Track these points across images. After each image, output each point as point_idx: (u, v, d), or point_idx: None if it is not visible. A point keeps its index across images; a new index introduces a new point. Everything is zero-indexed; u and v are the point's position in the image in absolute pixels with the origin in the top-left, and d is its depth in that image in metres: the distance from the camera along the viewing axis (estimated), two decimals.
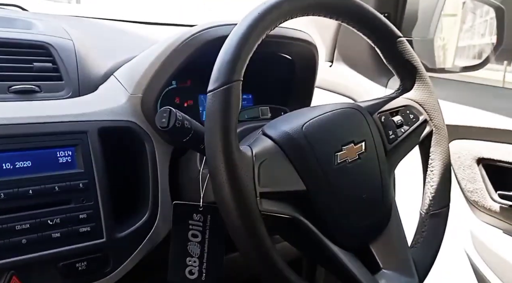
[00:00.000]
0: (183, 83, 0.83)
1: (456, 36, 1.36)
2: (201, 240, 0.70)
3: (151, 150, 0.72)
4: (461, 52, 1.44)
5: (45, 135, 0.63)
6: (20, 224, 0.59)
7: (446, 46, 1.35)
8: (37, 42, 0.70)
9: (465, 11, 1.37)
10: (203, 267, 0.70)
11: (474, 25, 1.38)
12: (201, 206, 0.70)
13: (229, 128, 0.52)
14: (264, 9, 0.56)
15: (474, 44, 1.45)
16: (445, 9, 1.22)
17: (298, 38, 0.80)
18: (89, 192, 0.65)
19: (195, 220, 0.71)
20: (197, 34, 0.71)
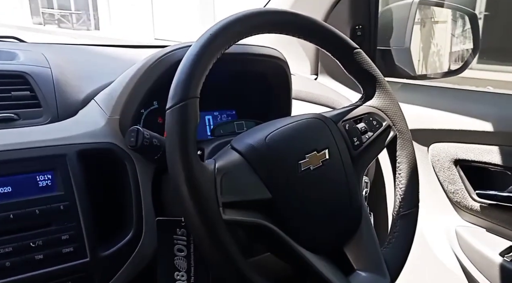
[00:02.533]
0: (165, 103, 0.86)
1: (448, 42, 1.37)
2: (187, 254, 0.72)
3: (132, 169, 0.75)
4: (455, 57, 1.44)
5: (24, 160, 0.65)
6: (3, 248, 0.61)
7: (440, 52, 1.36)
8: (15, 72, 0.74)
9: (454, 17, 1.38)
10: (191, 280, 0.72)
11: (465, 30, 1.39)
12: (183, 221, 0.72)
13: (187, 143, 0.54)
14: (216, 30, 0.59)
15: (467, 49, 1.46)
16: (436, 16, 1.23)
17: (267, 55, 0.83)
18: (70, 213, 0.67)
19: (179, 234, 0.73)
20: (164, 56, 0.74)
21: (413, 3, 1.02)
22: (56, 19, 12.04)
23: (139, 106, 0.74)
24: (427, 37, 1.20)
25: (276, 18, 0.63)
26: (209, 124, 0.92)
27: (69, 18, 12.01)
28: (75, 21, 12.06)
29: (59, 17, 12.02)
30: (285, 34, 0.66)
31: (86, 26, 12.03)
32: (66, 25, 12.00)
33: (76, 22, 12.05)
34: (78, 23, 12.06)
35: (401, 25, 1.01)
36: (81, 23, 12.07)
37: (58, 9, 12.18)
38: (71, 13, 12.02)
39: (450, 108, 0.95)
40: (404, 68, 1.02)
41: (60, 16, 12.01)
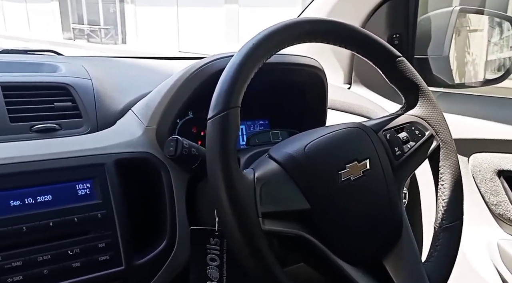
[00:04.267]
0: (200, 113, 0.87)
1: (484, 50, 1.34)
2: (220, 264, 0.72)
3: (167, 178, 0.75)
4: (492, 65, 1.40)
5: (64, 170, 0.67)
6: (42, 256, 0.62)
7: (476, 60, 1.33)
8: (57, 83, 0.76)
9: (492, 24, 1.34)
10: None
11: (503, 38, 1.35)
12: (217, 230, 0.71)
13: (228, 153, 0.54)
14: (258, 40, 0.59)
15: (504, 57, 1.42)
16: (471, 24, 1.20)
17: (306, 64, 0.82)
18: (107, 222, 0.68)
19: (212, 244, 0.72)
20: (202, 67, 0.74)
21: (453, 11, 1.00)
22: (85, 34, 12.46)
23: (176, 116, 0.75)
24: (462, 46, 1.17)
25: (319, 27, 0.63)
26: (242, 133, 0.92)
27: (98, 33, 12.40)
28: (104, 36, 12.44)
29: (89, 32, 12.42)
30: (326, 43, 0.65)
31: (114, 40, 12.38)
32: (94, 39, 12.39)
33: (104, 37, 12.42)
34: (106, 38, 12.43)
35: (440, 33, 0.99)
36: (109, 38, 12.44)
37: (88, 25, 12.60)
38: (100, 29, 12.42)
39: (491, 117, 0.92)
40: (442, 77, 1.00)
41: (90, 31, 12.42)
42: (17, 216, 0.62)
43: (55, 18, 12.83)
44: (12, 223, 0.61)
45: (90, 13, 12.77)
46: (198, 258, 0.72)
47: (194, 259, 0.72)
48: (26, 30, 13.22)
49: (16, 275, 0.60)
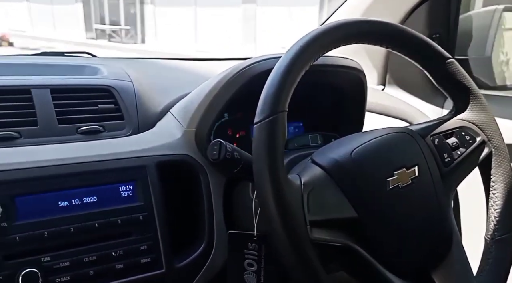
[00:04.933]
0: (235, 115, 0.86)
1: None
2: (257, 269, 0.71)
3: (205, 181, 0.75)
4: None
5: (109, 171, 0.67)
6: (88, 256, 0.63)
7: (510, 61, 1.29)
8: (101, 86, 0.76)
9: None
10: None
11: None
12: (255, 235, 0.71)
13: (276, 158, 0.53)
14: (306, 42, 0.58)
15: None
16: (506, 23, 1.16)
17: (345, 66, 0.80)
18: (149, 224, 0.68)
19: (250, 249, 0.72)
20: (245, 69, 0.73)
21: (496, 10, 0.96)
22: (107, 34, 12.66)
23: (215, 119, 0.75)
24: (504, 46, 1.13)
25: (366, 28, 0.61)
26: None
27: (119, 33, 12.59)
28: (124, 36, 12.61)
29: (110, 33, 12.62)
30: (373, 44, 0.63)
31: (134, 40, 12.54)
32: (115, 39, 12.57)
33: (124, 37, 12.59)
34: (126, 38, 12.60)
35: (482, 33, 0.96)
36: (129, 38, 12.61)
37: (109, 25, 12.80)
38: (120, 29, 12.60)
39: None
40: (483, 78, 0.97)
41: (111, 31, 12.60)
42: (65, 216, 0.63)
43: (78, 19, 13.07)
44: (60, 223, 0.62)
45: (111, 14, 12.98)
46: (236, 262, 0.71)
47: (232, 264, 0.72)
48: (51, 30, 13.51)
49: (63, 275, 0.61)
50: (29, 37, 12.87)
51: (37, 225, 0.61)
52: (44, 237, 0.61)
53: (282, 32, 9.27)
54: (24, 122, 0.67)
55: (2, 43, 10.74)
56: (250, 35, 10.04)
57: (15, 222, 0.59)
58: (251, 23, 10.02)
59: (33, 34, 13.59)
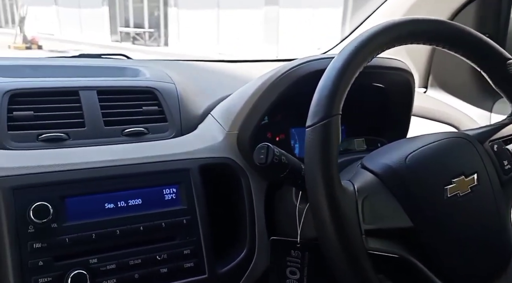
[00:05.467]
0: (274, 118, 0.85)
1: None
2: (300, 278, 0.69)
3: (247, 185, 0.74)
4: None
5: (153, 174, 0.67)
6: (133, 259, 0.63)
7: None
8: (145, 88, 0.76)
9: None
10: None
11: None
12: (299, 243, 0.69)
13: (330, 164, 0.52)
14: (361, 42, 0.56)
15: None
16: None
17: (392, 67, 0.78)
18: (192, 228, 0.68)
19: (293, 256, 0.70)
20: (291, 70, 0.72)
21: None
22: (131, 37, 12.87)
23: (259, 121, 0.73)
24: None
25: (422, 27, 0.59)
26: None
27: (143, 35, 12.78)
28: (148, 39, 12.80)
29: (134, 35, 12.83)
30: (427, 44, 0.61)
31: (157, 43, 12.71)
32: (139, 42, 12.76)
33: (148, 39, 12.78)
34: (150, 40, 12.78)
35: None
36: (152, 40, 12.78)
37: (133, 28, 13.01)
38: (144, 32, 12.79)
39: None
40: None
41: (135, 34, 12.81)
42: (111, 218, 0.62)
43: (104, 22, 13.34)
44: (107, 225, 0.62)
45: (136, 17, 13.20)
46: (278, 270, 0.70)
47: (274, 271, 0.70)
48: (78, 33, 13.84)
49: (110, 278, 0.61)
50: (56, 40, 13.21)
51: (85, 226, 0.60)
52: (92, 239, 0.60)
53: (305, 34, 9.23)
54: (72, 124, 0.67)
55: (32, 46, 11.06)
56: (272, 37, 10.03)
57: (65, 223, 0.59)
58: (273, 25, 10.00)
59: (60, 37, 13.94)
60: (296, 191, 0.72)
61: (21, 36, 10.99)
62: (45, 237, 0.58)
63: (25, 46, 10.89)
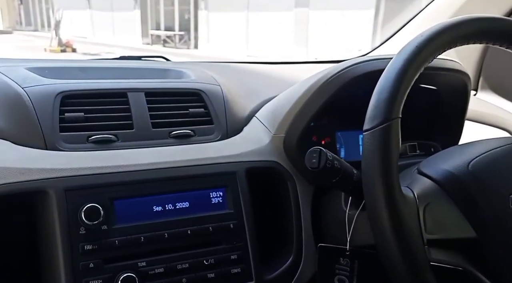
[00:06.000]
0: (320, 121, 0.83)
1: None
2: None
3: (294, 189, 0.72)
4: None
5: (200, 177, 0.66)
6: (181, 263, 0.62)
7: None
8: (192, 89, 0.76)
9: None
10: None
11: None
12: (348, 250, 0.67)
13: (391, 170, 0.50)
14: (422, 41, 0.53)
15: None
16: None
17: (448, 68, 0.74)
18: (239, 233, 0.66)
19: (342, 264, 0.68)
20: (343, 71, 0.69)
21: None
22: (162, 40, 13.08)
23: (307, 124, 0.71)
24: None
25: (485, 26, 0.55)
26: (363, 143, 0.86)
27: (173, 38, 12.97)
28: (178, 41, 12.98)
29: (165, 38, 13.04)
30: (490, 44, 0.57)
31: (187, 45, 12.87)
32: (169, 44, 12.96)
33: (178, 42, 12.96)
34: (180, 43, 12.97)
35: None
36: (182, 43, 12.96)
37: (164, 31, 13.24)
38: (175, 34, 12.98)
39: None
40: None
41: (166, 37, 13.02)
42: (160, 221, 0.62)
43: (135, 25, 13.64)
44: (155, 228, 0.61)
45: (166, 20, 13.43)
46: (326, 278, 0.68)
47: (321, 279, 0.68)
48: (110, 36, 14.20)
49: (158, 282, 0.60)
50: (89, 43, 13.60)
51: (134, 229, 0.60)
52: (141, 242, 0.60)
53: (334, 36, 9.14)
54: (120, 125, 0.67)
55: (66, 49, 11.42)
56: (301, 39, 9.98)
57: (114, 225, 0.59)
58: (303, 27, 9.95)
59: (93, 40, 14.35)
60: (345, 196, 0.69)
61: (56, 39, 11.36)
62: (96, 239, 0.58)
63: (60, 49, 11.25)
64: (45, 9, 17.88)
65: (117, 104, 0.68)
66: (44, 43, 11.77)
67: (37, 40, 13.85)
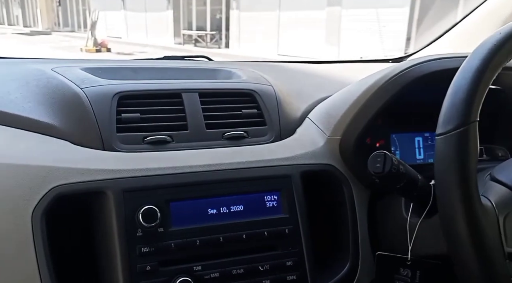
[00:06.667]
0: (374, 122, 0.79)
1: None
2: None
3: (349, 194, 0.70)
4: None
5: (255, 179, 0.64)
6: (236, 269, 0.60)
7: None
8: (245, 90, 0.74)
9: None
10: None
11: None
12: (409, 260, 0.63)
13: (470, 177, 0.46)
14: (501, 39, 0.49)
15: None
16: None
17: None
18: (294, 238, 0.64)
19: (402, 274, 0.65)
20: (407, 70, 0.66)
21: None
22: (193, 39, 13.22)
23: (365, 126, 0.68)
24: None
25: None
26: (418, 147, 0.82)
27: (204, 38, 13.08)
28: (209, 41, 13.09)
29: (196, 37, 13.17)
30: None
31: (218, 45, 12.96)
32: (201, 44, 13.09)
33: (209, 42, 13.07)
34: (211, 42, 13.07)
35: None
36: (213, 43, 13.06)
37: (196, 31, 13.37)
38: (206, 34, 13.09)
39: None
40: None
41: (197, 36, 13.16)
42: (215, 225, 0.61)
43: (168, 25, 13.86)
44: (210, 232, 0.60)
45: (198, 20, 13.57)
46: None
47: None
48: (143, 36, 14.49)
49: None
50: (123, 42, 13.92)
51: (190, 232, 0.59)
52: (196, 245, 0.59)
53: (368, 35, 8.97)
54: (175, 126, 0.66)
55: (102, 49, 11.72)
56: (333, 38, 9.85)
57: (170, 228, 0.58)
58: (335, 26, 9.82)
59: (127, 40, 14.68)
60: (406, 202, 0.66)
61: (92, 39, 11.66)
62: (152, 241, 0.57)
63: (95, 49, 11.55)
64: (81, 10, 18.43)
65: (172, 105, 0.67)
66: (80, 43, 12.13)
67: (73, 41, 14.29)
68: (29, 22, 21.26)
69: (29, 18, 21.32)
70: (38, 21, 20.56)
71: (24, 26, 20.69)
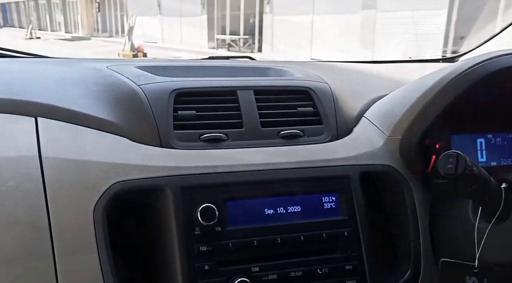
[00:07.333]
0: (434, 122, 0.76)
1: None
2: None
3: (410, 197, 0.67)
4: None
5: (312, 180, 0.63)
6: (294, 271, 0.59)
7: None
8: (301, 87, 0.72)
9: None
10: None
11: None
12: (476, 267, 0.59)
13: None
14: None
15: None
16: None
17: None
18: (353, 241, 0.62)
19: None
20: (474, 68, 0.62)
21: None
22: (226, 44, 13.36)
23: (429, 126, 0.65)
24: None
25: None
26: (481, 148, 0.78)
27: (237, 42, 13.19)
28: (242, 45, 13.17)
29: (229, 42, 13.29)
30: None
31: (251, 49, 13.02)
32: (234, 48, 13.20)
33: (242, 46, 13.16)
34: (244, 47, 13.15)
35: None
36: (246, 47, 13.13)
37: (229, 35, 13.50)
38: (239, 38, 13.19)
39: None
40: None
41: (231, 41, 13.28)
42: (272, 225, 0.59)
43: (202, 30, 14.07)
44: (268, 232, 0.59)
45: (232, 24, 13.70)
46: None
47: None
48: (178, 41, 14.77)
49: None
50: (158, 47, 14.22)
51: (247, 232, 0.58)
52: (254, 246, 0.58)
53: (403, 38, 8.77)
54: (231, 124, 0.65)
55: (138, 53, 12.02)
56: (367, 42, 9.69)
57: (227, 227, 0.57)
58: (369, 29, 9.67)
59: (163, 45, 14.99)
60: (473, 206, 0.62)
61: (129, 44, 11.97)
62: (210, 240, 0.56)
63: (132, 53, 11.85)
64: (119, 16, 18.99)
65: (227, 103, 0.67)
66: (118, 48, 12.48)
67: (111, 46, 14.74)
68: (70, 28, 22.11)
69: (71, 24, 22.18)
70: (79, 27, 21.35)
71: (65, 32, 21.53)
